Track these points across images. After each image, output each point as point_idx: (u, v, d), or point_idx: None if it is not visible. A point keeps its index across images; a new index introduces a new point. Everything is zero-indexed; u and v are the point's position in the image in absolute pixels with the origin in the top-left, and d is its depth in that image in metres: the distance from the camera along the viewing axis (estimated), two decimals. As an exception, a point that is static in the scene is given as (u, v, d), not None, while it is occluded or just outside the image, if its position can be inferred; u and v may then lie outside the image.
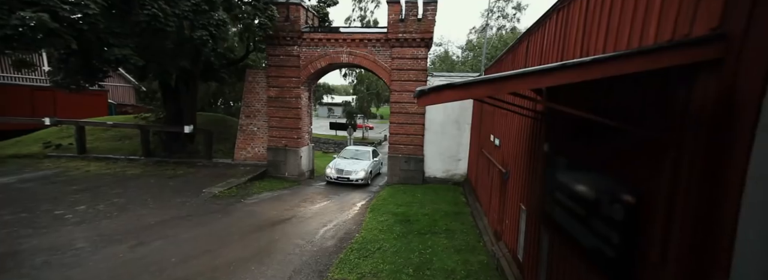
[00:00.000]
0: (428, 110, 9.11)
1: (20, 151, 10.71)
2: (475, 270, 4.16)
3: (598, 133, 2.11)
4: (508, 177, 4.36)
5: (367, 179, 9.82)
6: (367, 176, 9.88)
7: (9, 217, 5.38)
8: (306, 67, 9.37)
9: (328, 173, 9.87)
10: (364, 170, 9.77)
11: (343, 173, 9.65)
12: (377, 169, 11.48)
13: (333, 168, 9.90)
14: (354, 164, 10.17)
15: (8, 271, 3.67)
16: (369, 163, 10.44)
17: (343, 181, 9.61)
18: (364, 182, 9.67)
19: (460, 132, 9.08)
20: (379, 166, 11.84)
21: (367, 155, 11.11)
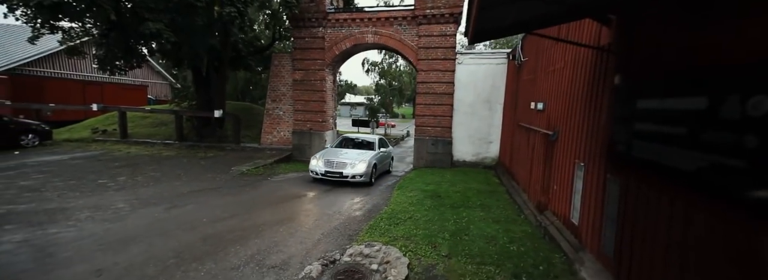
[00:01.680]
0: (457, 90, 8.68)
1: (72, 136, 11.69)
2: (520, 237, 3.72)
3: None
4: (556, 137, 3.88)
5: (369, 175, 6.78)
6: (369, 171, 6.82)
7: (60, 183, 5.82)
8: (331, 48, 9.29)
9: (314, 167, 6.82)
10: (364, 163, 6.75)
11: (335, 166, 6.71)
12: (385, 164, 8.23)
13: (320, 159, 6.90)
14: (352, 154, 7.21)
15: (58, 222, 3.97)
16: (372, 154, 7.31)
17: (333, 177, 6.64)
18: (364, 179, 6.67)
19: (491, 113, 8.55)
20: (388, 161, 8.61)
21: (372, 144, 8.07)
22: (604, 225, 2.66)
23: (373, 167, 6.99)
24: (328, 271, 3.13)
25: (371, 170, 6.89)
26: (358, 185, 6.76)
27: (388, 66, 30.37)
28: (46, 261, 2.99)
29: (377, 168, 7.35)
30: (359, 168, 6.63)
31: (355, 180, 6.64)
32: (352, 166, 6.64)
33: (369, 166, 6.78)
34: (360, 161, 6.75)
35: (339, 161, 6.77)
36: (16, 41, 16.59)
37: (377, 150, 7.74)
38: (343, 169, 6.61)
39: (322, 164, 6.79)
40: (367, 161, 6.80)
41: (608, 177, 2.60)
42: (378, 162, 7.41)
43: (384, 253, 3.40)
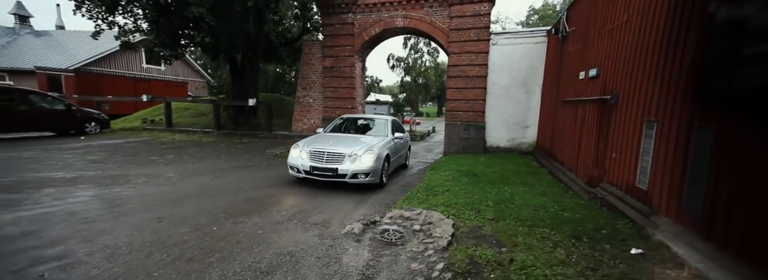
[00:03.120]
0: (491, 72, 8.31)
1: (126, 125, 12.95)
2: (572, 207, 3.41)
3: None
4: (616, 99, 3.51)
5: (378, 173, 4.51)
6: (379, 166, 4.51)
7: (119, 158, 6.42)
8: (360, 34, 9.31)
9: (294, 160, 4.64)
10: (371, 155, 4.47)
11: (326, 160, 4.45)
12: (401, 156, 5.98)
13: (304, 149, 4.65)
14: (352, 141, 4.90)
15: (120, 185, 4.37)
16: (384, 142, 5.02)
17: (323, 176, 4.41)
18: (370, 178, 4.42)
19: (528, 96, 8.08)
20: (405, 152, 6.42)
21: (381, 128, 5.75)
22: (686, 184, 2.32)
23: (384, 159, 4.60)
24: (370, 230, 3.06)
25: (382, 164, 4.51)
26: (361, 189, 4.46)
27: (413, 61, 30.18)
28: (114, 210, 3.28)
29: (390, 161, 4.93)
30: (364, 162, 4.31)
31: (356, 181, 4.31)
32: (353, 159, 4.32)
33: (378, 158, 4.43)
34: (364, 152, 4.40)
35: (331, 152, 4.39)
36: (79, 45, 18.67)
37: (390, 135, 5.35)
38: (339, 163, 4.31)
39: (306, 156, 4.47)
40: (374, 152, 4.43)
41: (695, 126, 2.27)
42: (392, 152, 5.01)
43: (425, 216, 3.26)
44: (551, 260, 2.23)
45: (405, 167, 6.60)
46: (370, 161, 4.39)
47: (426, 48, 30.29)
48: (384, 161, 4.67)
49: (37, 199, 3.47)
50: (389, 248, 2.64)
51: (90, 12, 8.62)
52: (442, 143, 12.39)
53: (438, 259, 2.37)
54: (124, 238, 2.60)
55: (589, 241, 2.54)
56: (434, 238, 2.74)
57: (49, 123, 8.77)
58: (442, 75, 34.95)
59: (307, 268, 2.27)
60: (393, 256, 2.48)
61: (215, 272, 2.16)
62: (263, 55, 11.82)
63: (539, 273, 2.05)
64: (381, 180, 4.64)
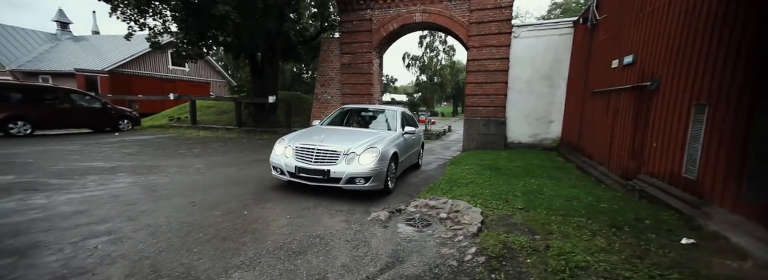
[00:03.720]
0: (512, 66, 8.09)
1: (154, 123, 13.68)
2: (608, 198, 3.24)
3: None
4: (657, 85, 3.31)
5: (381, 176, 3.56)
6: (383, 167, 3.55)
7: (151, 151, 6.78)
8: (378, 30, 9.33)
9: (277, 159, 3.79)
10: (373, 153, 3.53)
11: (315, 159, 3.55)
12: (413, 155, 5.07)
13: (290, 145, 3.78)
14: (350, 136, 3.98)
15: (155, 173, 4.60)
16: (390, 138, 4.06)
17: (311, 180, 3.54)
18: (372, 183, 3.48)
19: (552, 89, 7.80)
20: (417, 150, 5.45)
21: (389, 121, 4.78)
22: (747, 171, 2.14)
23: (390, 159, 3.64)
24: (395, 217, 3.04)
25: (387, 166, 3.55)
26: (359, 195, 3.58)
27: (428, 60, 29.94)
28: (152, 195, 3.46)
29: (399, 162, 4.03)
30: (363, 163, 3.38)
31: (353, 187, 3.38)
32: (349, 158, 3.40)
33: (382, 158, 3.49)
34: (365, 150, 3.46)
35: (323, 149, 3.47)
36: (112, 49, 19.92)
37: (399, 129, 4.40)
38: (331, 164, 3.40)
39: (291, 153, 3.60)
40: (378, 150, 3.48)
41: (758, 107, 2.09)
42: (401, 151, 4.08)
43: (451, 204, 3.20)
44: (591, 248, 2.12)
45: (417, 168, 5.50)
46: (372, 162, 3.34)
47: (442, 46, 29.95)
48: (390, 161, 3.61)
49: (83, 184, 3.72)
50: (417, 233, 2.61)
51: (124, 14, 9.14)
52: (459, 141, 12.20)
53: (469, 244, 2.31)
54: (163, 218, 2.73)
55: (631, 231, 2.40)
56: (463, 225, 2.68)
57: (87, 120, 9.36)
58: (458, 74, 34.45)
59: (337, 249, 2.28)
60: (421, 241, 2.45)
61: (249, 250, 2.21)
62: (282, 53, 12.10)
63: (580, 259, 1.96)
64: (386, 186, 3.58)
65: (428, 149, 10.07)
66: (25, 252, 2.03)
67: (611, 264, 1.91)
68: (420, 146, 5.78)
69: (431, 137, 16.39)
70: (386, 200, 3.57)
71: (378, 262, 2.10)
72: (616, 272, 1.82)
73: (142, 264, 1.95)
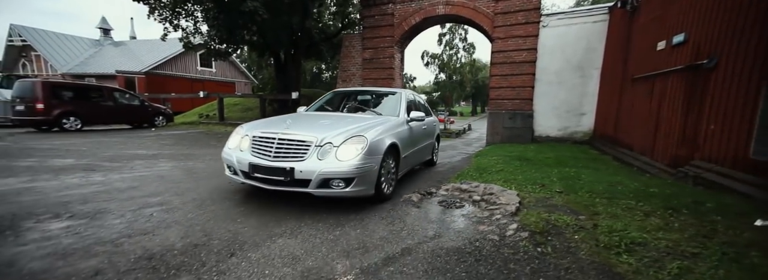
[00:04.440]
0: (540, 57, 7.79)
1: (185, 120, 14.53)
2: (656, 184, 3.01)
3: None
4: (715, 62, 3.05)
5: (367, 178, 2.41)
6: (368, 165, 2.39)
7: (186, 143, 7.24)
8: (400, 24, 9.32)
9: (228, 155, 2.69)
10: (357, 143, 2.42)
11: (275, 153, 2.42)
12: (424, 149, 4.03)
13: (248, 135, 2.67)
14: (328, 123, 2.86)
15: (192, 160, 4.86)
16: (386, 126, 2.87)
17: (269, 182, 2.42)
18: (356, 188, 2.36)
19: (584, 80, 7.43)
20: (430, 142, 4.33)
21: (390, 105, 3.68)
22: None
23: (387, 153, 2.67)
24: (426, 199, 3.00)
25: (380, 162, 2.55)
26: (341, 204, 2.63)
27: (448, 58, 29.58)
28: (193, 176, 3.67)
29: (402, 157, 3.05)
30: (343, 158, 2.38)
31: (327, 192, 2.38)
32: (324, 151, 2.41)
33: (372, 152, 2.47)
34: (346, 139, 2.46)
35: (287, 139, 2.48)
36: (147, 52, 21.38)
37: (402, 115, 3.38)
38: (297, 160, 2.40)
39: (247, 146, 2.64)
40: (366, 139, 2.48)
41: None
42: (403, 142, 3.04)
43: (484, 188, 3.12)
44: (646, 227, 1.98)
45: (431, 165, 4.71)
46: (355, 156, 2.31)
47: (461, 44, 29.48)
48: (386, 156, 2.59)
49: (132, 167, 4.01)
50: (451, 213, 2.56)
51: (161, 16, 9.73)
52: (479, 139, 11.91)
53: (508, 222, 2.23)
54: (206, 194, 2.87)
55: (690, 213, 2.21)
56: (499, 205, 2.60)
57: (127, 116, 10.05)
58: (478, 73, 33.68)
59: (373, 224, 2.28)
60: (457, 220, 2.39)
61: (289, 222, 2.27)
62: (305, 51, 12.40)
63: (635, 236, 1.83)
64: (379, 190, 2.56)
65: (449, 145, 9.92)
66: (94, 216, 2.27)
67: (673, 242, 1.77)
68: (434, 138, 4.61)
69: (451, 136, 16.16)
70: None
71: (415, 236, 2.08)
72: (681, 249, 1.68)
73: (194, 229, 2.07)
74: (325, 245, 1.90)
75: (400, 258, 1.74)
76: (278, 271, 1.59)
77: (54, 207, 2.40)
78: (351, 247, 1.89)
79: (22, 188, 2.85)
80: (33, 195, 2.67)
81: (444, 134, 16.74)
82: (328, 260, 1.72)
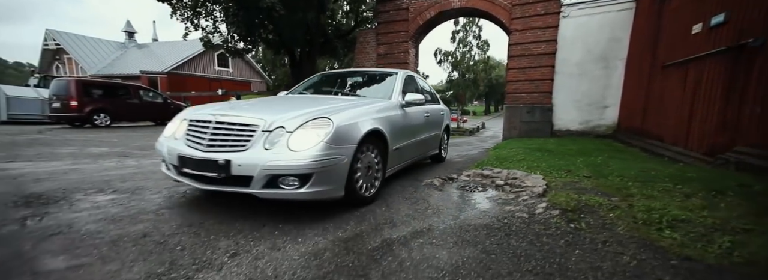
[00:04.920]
0: (560, 48, 7.57)
1: None
2: (694, 170, 2.85)
3: None
4: (763, 41, 2.86)
5: (333, 176, 1.80)
6: (333, 158, 1.76)
7: None
8: (415, 19, 9.28)
9: (161, 145, 2.12)
10: (320, 127, 1.79)
11: (208, 141, 1.83)
12: (425, 141, 3.30)
13: (186, 118, 2.09)
14: (285, 104, 2.25)
15: None
16: (367, 108, 2.25)
17: (199, 179, 1.85)
18: (308, 188, 1.71)
19: (607, 72, 7.15)
20: (435, 134, 3.65)
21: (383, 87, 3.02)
22: None
23: (364, 143, 2.04)
24: (448, 184, 2.97)
25: (353, 153, 1.91)
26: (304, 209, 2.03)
27: (461, 56, 29.23)
28: None
29: (392, 150, 2.45)
30: (296, 146, 1.72)
31: (277, 193, 1.73)
32: (273, 139, 1.76)
33: (341, 138, 1.84)
34: (304, 122, 1.81)
35: (224, 122, 1.87)
36: (168, 53, 22.32)
37: (397, 98, 2.79)
38: (237, 149, 1.77)
39: (182, 133, 2.06)
40: (331, 123, 1.83)
41: None
42: (395, 130, 2.48)
43: (507, 173, 3.05)
44: (688, 206, 1.88)
45: (439, 160, 4.15)
46: (314, 145, 1.74)
47: (475, 41, 29.07)
48: (363, 146, 2.03)
49: (157, 152, 4.21)
50: (474, 196, 2.51)
51: (182, 16, 10.11)
52: (494, 137, 11.69)
53: (536, 202, 2.17)
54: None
55: (736, 195, 2.08)
56: (525, 187, 2.53)
57: (151, 113, 10.49)
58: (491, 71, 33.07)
59: (397, 203, 2.27)
60: (481, 201, 2.35)
61: (313, 199, 2.30)
62: (319, 48, 12.56)
63: (677, 213, 1.74)
64: (351, 191, 1.97)
65: (464, 142, 9.77)
66: (134, 191, 2.41)
67: (720, 219, 1.67)
68: (442, 129, 3.92)
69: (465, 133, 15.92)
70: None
71: (441, 214, 2.05)
72: (731, 226, 1.58)
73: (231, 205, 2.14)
74: (354, 220, 1.91)
75: (428, 232, 1.73)
76: (311, 239, 1.61)
77: (98, 184, 2.57)
78: (378, 222, 1.89)
79: (67, 169, 3.07)
80: (78, 175, 2.86)
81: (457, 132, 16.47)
82: (358, 231, 1.73)
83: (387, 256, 1.44)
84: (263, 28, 9.56)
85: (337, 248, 1.51)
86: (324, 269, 1.32)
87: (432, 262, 1.38)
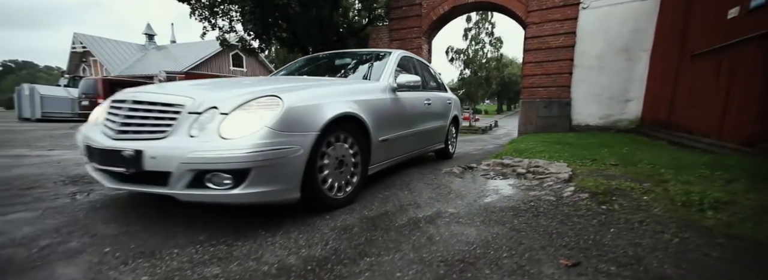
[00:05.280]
0: (579, 41, 7.34)
1: None
2: (732, 158, 2.70)
3: None
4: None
5: (280, 168, 1.37)
6: (283, 147, 1.34)
7: None
8: (428, 14, 9.22)
9: (80, 134, 1.66)
10: (266, 106, 1.40)
11: (119, 127, 1.45)
12: (428, 134, 2.99)
13: (107, 103, 1.68)
14: (235, 84, 1.76)
15: None
16: (341, 88, 1.90)
17: (106, 175, 1.48)
18: (245, 186, 1.29)
19: (630, 64, 6.89)
20: (441, 125, 3.31)
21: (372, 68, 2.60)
22: None
23: (327, 130, 1.58)
24: (468, 172, 2.93)
25: (311, 144, 1.48)
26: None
27: (473, 53, 28.84)
28: None
29: (377, 142, 2.03)
30: (230, 133, 1.31)
31: (203, 195, 1.31)
32: (203, 123, 1.36)
33: (292, 123, 1.41)
34: (244, 102, 1.40)
35: (143, 101, 1.48)
36: (185, 54, 23.10)
37: (387, 80, 2.36)
38: (150, 137, 1.38)
39: (102, 118, 1.62)
40: (281, 103, 1.41)
41: None
42: (378, 119, 2.03)
43: (529, 162, 2.99)
44: (731, 190, 1.78)
45: (446, 156, 3.74)
46: (255, 132, 1.32)
47: (488, 38, 28.61)
48: (328, 134, 1.63)
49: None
50: (497, 183, 2.47)
51: (200, 16, 10.42)
52: (508, 134, 11.45)
53: (563, 187, 2.11)
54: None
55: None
56: (549, 174, 2.47)
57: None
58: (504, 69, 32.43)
59: (420, 188, 2.26)
60: (504, 187, 2.31)
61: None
62: (332, 45, 12.67)
63: (720, 196, 1.65)
64: (315, 194, 1.59)
65: (477, 139, 9.64)
66: None
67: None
68: (448, 120, 3.50)
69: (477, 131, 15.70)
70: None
71: (464, 198, 2.03)
72: (780, 206, 1.49)
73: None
74: (377, 202, 1.91)
75: (454, 213, 1.71)
76: (338, 217, 1.62)
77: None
78: (402, 203, 1.89)
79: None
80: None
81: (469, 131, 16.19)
82: (383, 211, 1.73)
83: (415, 232, 1.43)
84: (277, 27, 9.73)
85: (365, 225, 1.51)
86: (355, 241, 1.32)
87: (461, 237, 1.36)
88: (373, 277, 1.04)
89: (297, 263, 1.13)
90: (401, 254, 1.20)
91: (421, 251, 1.23)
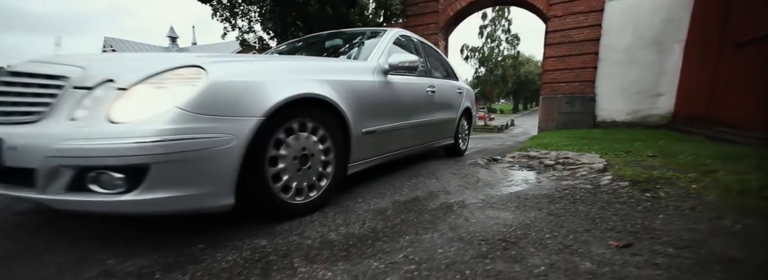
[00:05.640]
0: (605, 34, 7.04)
1: None
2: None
3: None
4: None
5: (181, 164, 0.95)
6: (199, 138, 0.96)
7: None
8: (445, 10, 9.12)
9: None
10: (184, 79, 1.02)
11: None
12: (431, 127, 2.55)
13: None
14: (168, 56, 1.20)
15: None
16: (285, 63, 1.46)
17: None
18: (144, 190, 0.92)
19: (661, 57, 6.54)
20: (449, 117, 2.90)
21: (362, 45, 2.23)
22: None
23: (278, 115, 1.20)
24: (493, 164, 2.86)
25: (241, 135, 1.06)
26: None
27: (489, 51, 28.31)
28: None
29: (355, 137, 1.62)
30: (124, 117, 0.94)
31: (79, 202, 0.94)
32: (91, 105, 0.98)
33: (214, 105, 1.02)
34: (146, 77, 1.01)
35: (18, 72, 1.10)
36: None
37: (377, 60, 1.93)
38: (15, 121, 1.03)
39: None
40: (203, 73, 1.04)
41: None
42: (362, 106, 1.65)
43: (557, 153, 2.88)
44: (790, 178, 1.65)
45: (456, 153, 3.29)
46: (159, 114, 0.94)
47: (504, 36, 28.00)
48: (287, 123, 1.27)
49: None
50: (525, 173, 2.40)
51: (222, 16, 10.77)
52: (525, 133, 11.16)
53: (598, 176, 2.02)
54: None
55: None
56: (581, 164, 2.37)
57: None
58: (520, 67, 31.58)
59: (446, 177, 2.23)
60: (533, 178, 2.24)
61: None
62: (348, 44, 12.81)
63: (779, 184, 1.53)
64: (263, 199, 1.20)
65: (495, 136, 9.45)
66: None
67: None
68: (458, 113, 3.11)
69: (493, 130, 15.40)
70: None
71: (494, 187, 1.98)
72: None
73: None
74: (407, 188, 1.90)
75: (486, 199, 1.67)
76: (370, 200, 1.62)
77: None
78: (431, 190, 1.87)
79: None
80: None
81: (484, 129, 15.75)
82: (414, 196, 1.72)
83: (449, 215, 1.41)
84: (295, 26, 9.91)
85: (398, 208, 1.50)
86: (391, 221, 1.32)
87: (498, 220, 1.33)
88: (415, 252, 1.03)
89: (338, 238, 1.14)
90: (439, 234, 1.18)
91: (458, 231, 1.21)
